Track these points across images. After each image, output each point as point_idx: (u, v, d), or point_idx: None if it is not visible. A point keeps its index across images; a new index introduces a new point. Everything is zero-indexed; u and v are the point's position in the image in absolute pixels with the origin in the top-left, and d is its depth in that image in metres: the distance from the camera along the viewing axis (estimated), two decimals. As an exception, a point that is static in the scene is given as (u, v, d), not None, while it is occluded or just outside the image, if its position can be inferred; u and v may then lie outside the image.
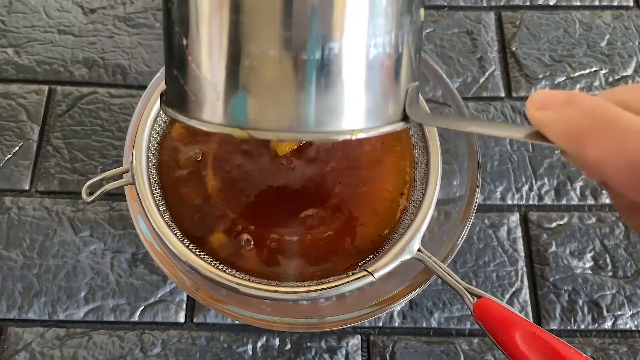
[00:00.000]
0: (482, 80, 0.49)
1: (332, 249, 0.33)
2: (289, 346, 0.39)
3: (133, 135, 0.35)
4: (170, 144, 0.36)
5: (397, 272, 0.36)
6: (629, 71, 0.49)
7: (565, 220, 0.44)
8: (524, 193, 0.45)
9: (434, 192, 0.33)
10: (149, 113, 0.35)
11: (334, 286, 0.31)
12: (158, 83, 0.37)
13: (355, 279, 0.31)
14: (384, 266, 0.31)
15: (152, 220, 0.32)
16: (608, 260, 0.43)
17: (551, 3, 0.52)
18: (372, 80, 0.23)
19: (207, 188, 0.35)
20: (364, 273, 0.31)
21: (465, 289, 0.31)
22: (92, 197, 0.33)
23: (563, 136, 0.19)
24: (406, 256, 0.32)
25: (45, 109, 0.46)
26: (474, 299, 0.30)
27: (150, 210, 0.32)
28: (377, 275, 0.31)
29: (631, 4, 0.52)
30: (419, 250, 0.32)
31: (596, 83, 0.49)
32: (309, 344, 0.39)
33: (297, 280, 0.32)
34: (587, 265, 0.42)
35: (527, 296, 0.41)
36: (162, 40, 0.24)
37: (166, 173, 0.35)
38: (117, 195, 0.44)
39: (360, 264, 0.33)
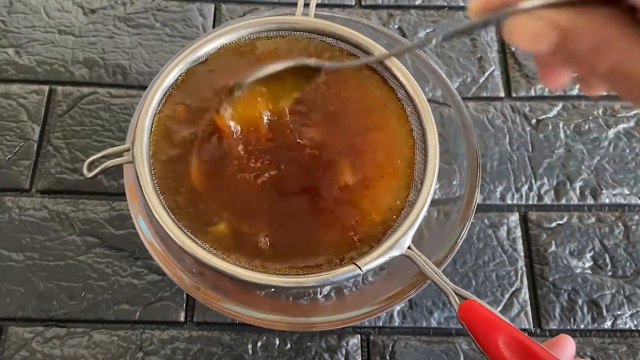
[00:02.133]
0: (481, 80, 0.49)
1: (328, 244, 0.33)
2: (289, 345, 0.39)
3: (133, 129, 0.35)
4: (173, 128, 0.36)
5: (397, 271, 0.36)
6: (629, 71, 0.49)
7: (565, 220, 0.44)
8: (523, 193, 0.45)
9: (428, 192, 0.33)
10: (154, 94, 0.35)
11: (322, 277, 0.31)
12: (166, 75, 0.37)
13: (342, 271, 0.31)
14: (373, 260, 0.31)
15: (147, 199, 0.32)
16: (607, 260, 0.43)
17: (551, 3, 0.52)
18: None
19: (204, 176, 0.34)
20: (352, 265, 0.31)
21: (452, 289, 0.31)
22: (93, 173, 0.33)
23: None
24: (395, 252, 0.32)
25: (45, 109, 0.47)
26: (460, 300, 0.30)
27: (147, 189, 0.32)
28: (364, 268, 0.31)
29: (631, 4, 0.52)
30: (409, 248, 0.32)
31: (596, 83, 0.49)
32: (309, 344, 0.39)
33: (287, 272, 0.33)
34: (587, 265, 0.42)
35: (527, 296, 0.41)
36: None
37: (165, 154, 0.35)
38: (117, 195, 0.44)
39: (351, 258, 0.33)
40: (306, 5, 0.39)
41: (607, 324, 0.41)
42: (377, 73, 0.38)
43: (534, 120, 0.47)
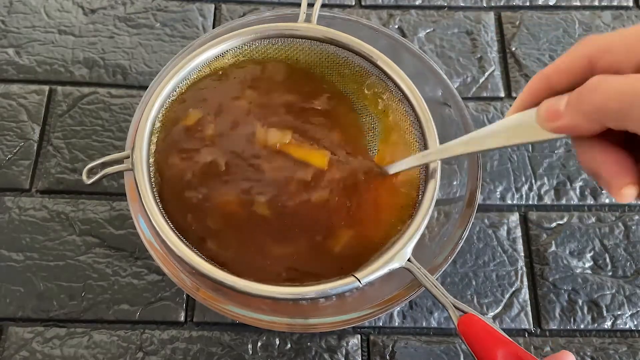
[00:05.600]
0: (481, 80, 0.49)
1: (326, 255, 0.33)
2: (289, 346, 0.39)
3: (134, 131, 0.35)
4: (173, 136, 0.35)
5: (398, 272, 0.36)
6: (629, 71, 0.49)
7: (565, 220, 0.44)
8: (523, 193, 0.45)
9: (428, 206, 0.33)
10: (154, 101, 0.35)
11: (320, 288, 0.31)
12: (163, 77, 0.37)
13: (341, 283, 0.31)
14: (372, 273, 0.31)
15: (146, 207, 0.32)
16: (608, 260, 0.43)
17: (551, 3, 0.52)
18: None
19: (204, 189, 0.34)
20: (351, 278, 0.31)
21: (451, 303, 0.31)
22: (93, 180, 0.33)
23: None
24: (395, 265, 0.32)
25: (45, 109, 0.46)
26: (459, 314, 0.30)
27: (146, 198, 0.32)
28: (363, 280, 0.31)
29: (631, 4, 0.52)
30: (409, 260, 0.32)
31: (596, 83, 0.49)
32: (309, 344, 0.39)
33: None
34: (587, 265, 0.42)
35: (527, 296, 0.41)
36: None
37: (165, 162, 0.35)
38: (117, 195, 0.44)
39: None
40: (309, 5, 0.39)
41: (607, 324, 0.41)
42: (376, 78, 0.38)
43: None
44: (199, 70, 0.37)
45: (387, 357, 0.39)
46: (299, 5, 0.52)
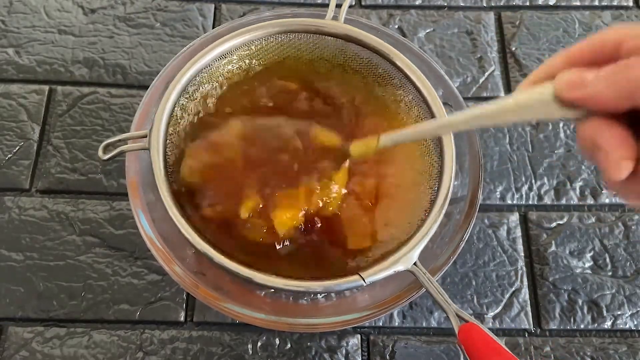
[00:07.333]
0: (481, 80, 0.49)
1: (334, 254, 0.33)
2: (289, 345, 0.39)
3: (141, 113, 0.36)
4: (193, 120, 0.36)
5: (399, 273, 0.36)
6: (629, 71, 0.49)
7: (565, 220, 0.44)
8: (523, 193, 0.45)
9: (438, 212, 0.33)
10: (176, 84, 0.35)
11: (325, 284, 0.31)
12: (192, 64, 0.37)
13: (346, 280, 0.31)
14: (377, 273, 0.31)
15: (159, 187, 0.32)
16: (607, 260, 0.43)
17: (551, 3, 0.52)
18: None
19: (216, 177, 0.34)
20: (356, 276, 0.31)
21: (454, 310, 0.30)
22: (108, 156, 0.33)
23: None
24: (400, 267, 0.32)
25: (45, 108, 0.46)
26: (460, 322, 0.30)
27: (159, 179, 0.33)
28: (368, 280, 0.31)
29: (630, 4, 0.52)
30: (414, 264, 0.32)
31: (596, 83, 0.49)
32: (309, 344, 0.39)
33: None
34: (587, 265, 0.42)
35: (527, 296, 0.41)
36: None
37: (182, 145, 0.35)
38: (117, 195, 0.44)
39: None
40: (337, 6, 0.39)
41: (607, 324, 0.41)
42: (398, 80, 0.38)
43: (534, 120, 0.47)
44: (223, 58, 0.37)
45: (387, 357, 0.39)
46: (298, 5, 0.52)
